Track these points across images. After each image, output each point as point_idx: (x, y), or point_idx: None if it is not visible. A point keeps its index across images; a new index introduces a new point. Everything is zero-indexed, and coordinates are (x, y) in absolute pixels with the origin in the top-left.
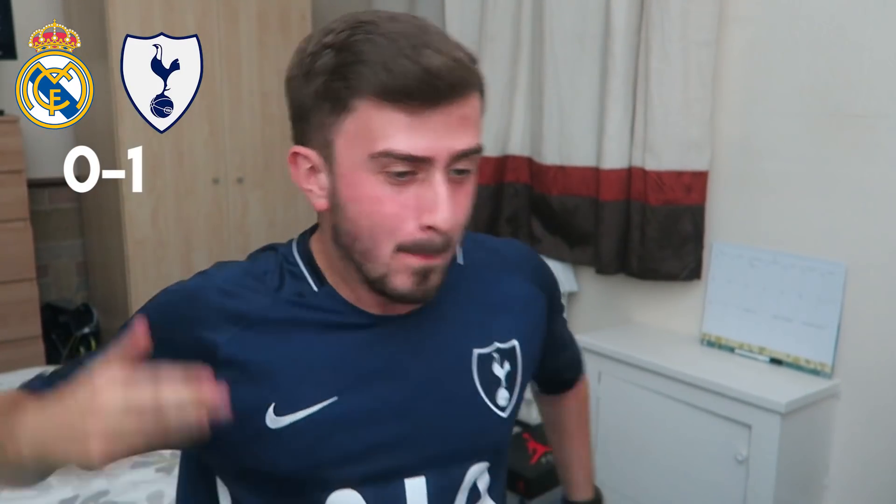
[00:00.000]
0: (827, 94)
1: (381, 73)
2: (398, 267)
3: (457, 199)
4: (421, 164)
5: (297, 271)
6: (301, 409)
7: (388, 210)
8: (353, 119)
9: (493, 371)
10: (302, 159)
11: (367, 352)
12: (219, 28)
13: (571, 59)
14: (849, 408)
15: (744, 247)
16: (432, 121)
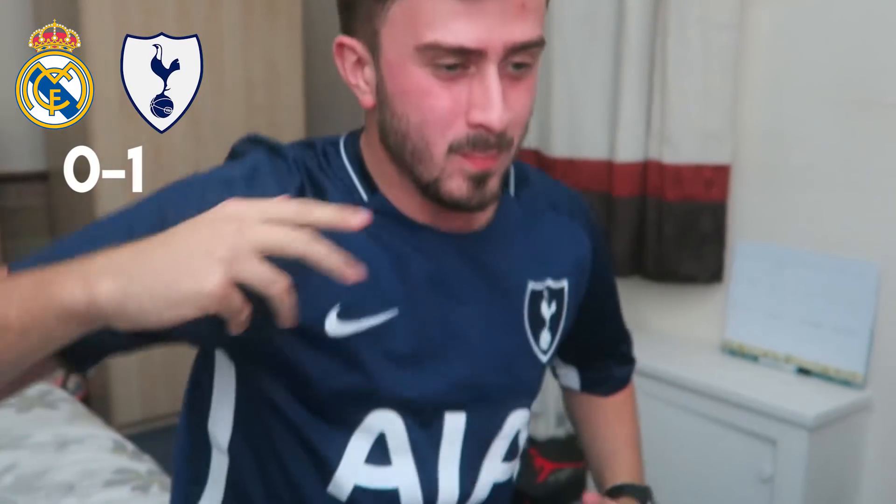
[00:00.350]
0: (860, 79)
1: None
2: (452, 170)
3: (514, 96)
4: (473, 56)
5: (345, 176)
6: (364, 318)
7: (439, 104)
8: (400, 4)
9: (542, 310)
10: (347, 51)
11: (423, 267)
12: (198, 10)
13: (582, 43)
14: (882, 421)
15: (769, 247)
16: (487, 6)
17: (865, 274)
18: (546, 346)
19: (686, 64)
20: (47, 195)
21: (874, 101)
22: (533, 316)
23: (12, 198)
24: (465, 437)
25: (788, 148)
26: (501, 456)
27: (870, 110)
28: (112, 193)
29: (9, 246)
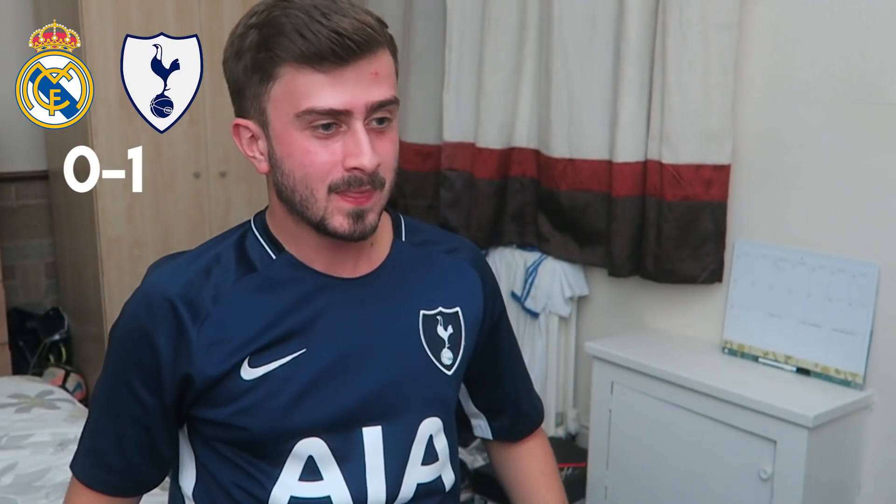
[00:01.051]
0: (859, 80)
1: (297, 40)
2: (333, 209)
3: (381, 146)
4: (341, 116)
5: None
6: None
7: (319, 159)
8: (279, 85)
9: (438, 332)
10: (243, 130)
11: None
12: (200, 14)
13: (582, 43)
14: (882, 421)
15: (769, 246)
16: (346, 77)
17: (865, 274)
18: (449, 362)
19: (685, 64)
20: (47, 195)
21: (874, 101)
22: (430, 337)
23: (11, 197)
24: (385, 446)
25: (788, 148)
26: (420, 459)
27: (870, 110)
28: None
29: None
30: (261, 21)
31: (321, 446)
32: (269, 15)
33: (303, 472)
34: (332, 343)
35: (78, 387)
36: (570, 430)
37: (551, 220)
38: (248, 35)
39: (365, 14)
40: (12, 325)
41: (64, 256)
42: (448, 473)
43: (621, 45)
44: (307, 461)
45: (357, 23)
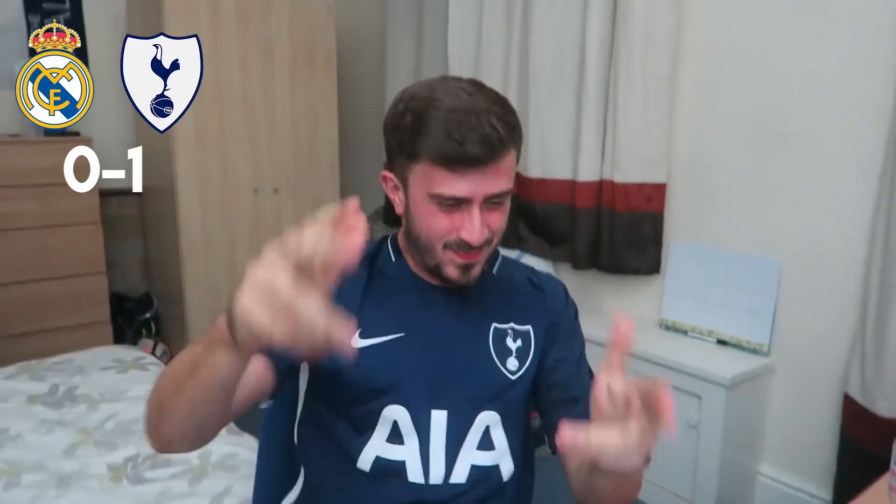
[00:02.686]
0: (763, 118)
1: (435, 148)
2: (447, 260)
3: (492, 219)
4: (462, 200)
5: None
6: (377, 337)
7: (440, 225)
8: (420, 167)
9: (507, 343)
10: (389, 180)
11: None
12: (258, 64)
13: (552, 91)
14: (782, 381)
15: (695, 246)
16: (469, 177)
17: (769, 268)
18: (514, 368)
19: (631, 106)
20: (140, 206)
21: (775, 134)
22: (497, 346)
23: (113, 208)
24: (448, 429)
25: (710, 170)
26: (476, 444)
27: (771, 141)
28: (190, 206)
29: (109, 246)
30: (417, 111)
31: (405, 414)
32: (425, 111)
33: (389, 434)
34: (423, 336)
35: (164, 353)
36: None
37: (528, 226)
38: (405, 117)
39: (498, 123)
40: (113, 307)
41: (153, 254)
42: (507, 464)
43: (582, 92)
44: (393, 426)
45: (487, 141)
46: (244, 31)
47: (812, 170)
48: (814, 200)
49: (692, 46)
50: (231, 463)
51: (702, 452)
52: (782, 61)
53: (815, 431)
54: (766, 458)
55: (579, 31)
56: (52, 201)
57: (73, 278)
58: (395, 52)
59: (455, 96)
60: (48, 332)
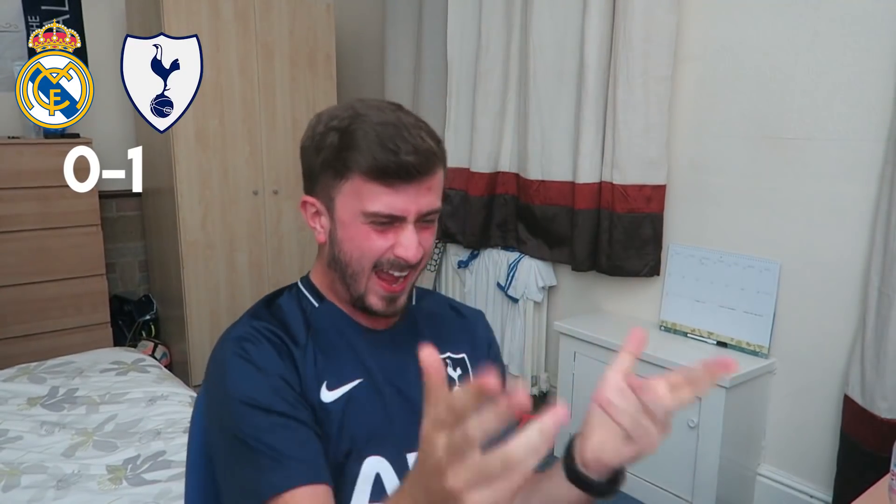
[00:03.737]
0: (763, 120)
1: (369, 159)
2: (372, 288)
3: (424, 237)
4: (397, 218)
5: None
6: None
7: (374, 245)
8: (349, 185)
9: (448, 372)
10: (309, 206)
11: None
12: (258, 66)
13: (551, 92)
14: (782, 382)
15: (695, 248)
16: (405, 192)
17: (769, 269)
18: None
19: (631, 107)
20: (140, 208)
21: (774, 136)
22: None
23: (113, 210)
24: None
25: (710, 172)
26: None
27: (771, 143)
28: (190, 207)
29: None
30: (342, 128)
31: (386, 466)
32: (350, 126)
33: (372, 492)
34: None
35: (164, 355)
36: (542, 388)
37: (528, 228)
38: (329, 136)
39: (427, 137)
40: (113, 309)
41: (153, 255)
42: None
43: (582, 93)
44: (375, 480)
45: (420, 155)
46: (244, 32)
47: (812, 171)
48: (814, 202)
49: (692, 47)
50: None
51: (701, 453)
52: (782, 62)
53: (814, 432)
54: (766, 459)
55: (579, 31)
56: (52, 203)
57: (73, 280)
58: (395, 53)
59: (379, 111)
60: (48, 335)
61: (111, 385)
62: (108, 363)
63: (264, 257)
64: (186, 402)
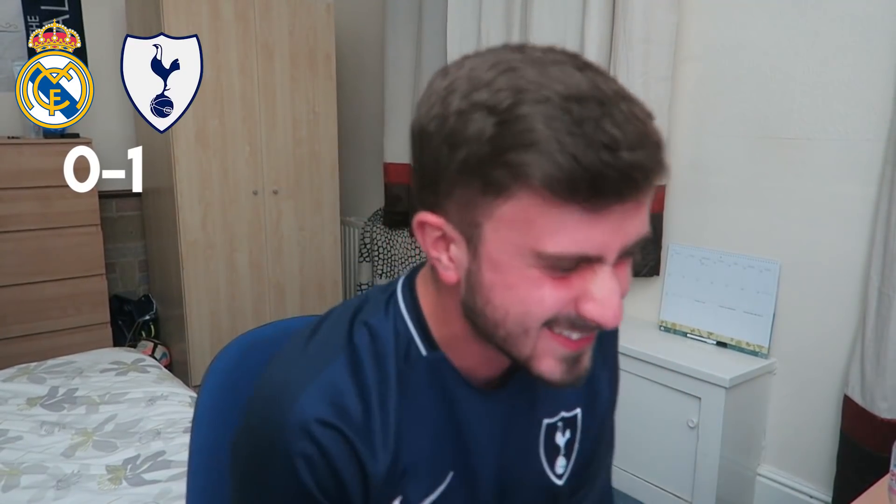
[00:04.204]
0: (763, 120)
1: (560, 164)
2: (544, 349)
3: (621, 276)
4: (590, 259)
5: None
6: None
7: (550, 300)
8: (513, 206)
9: (556, 440)
10: (433, 228)
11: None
12: (257, 65)
13: None
14: (782, 382)
15: (695, 248)
16: (611, 216)
17: (769, 269)
18: (561, 471)
19: None
20: (139, 208)
21: (774, 136)
22: (548, 447)
23: (112, 210)
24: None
25: (710, 172)
26: None
27: (771, 144)
28: (190, 207)
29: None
30: (500, 109)
31: None
32: (515, 105)
33: None
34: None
35: (164, 356)
36: None
37: None
38: (474, 119)
39: (652, 124)
40: (113, 308)
41: (153, 255)
42: None
43: None
44: None
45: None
46: (244, 32)
47: (812, 171)
48: (813, 202)
49: (692, 47)
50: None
51: (701, 453)
52: (782, 62)
53: (814, 432)
54: (766, 459)
55: (579, 31)
56: (51, 203)
57: (73, 280)
58: (395, 53)
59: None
60: (48, 334)
61: (111, 385)
62: (107, 363)
63: (264, 257)
64: (186, 403)
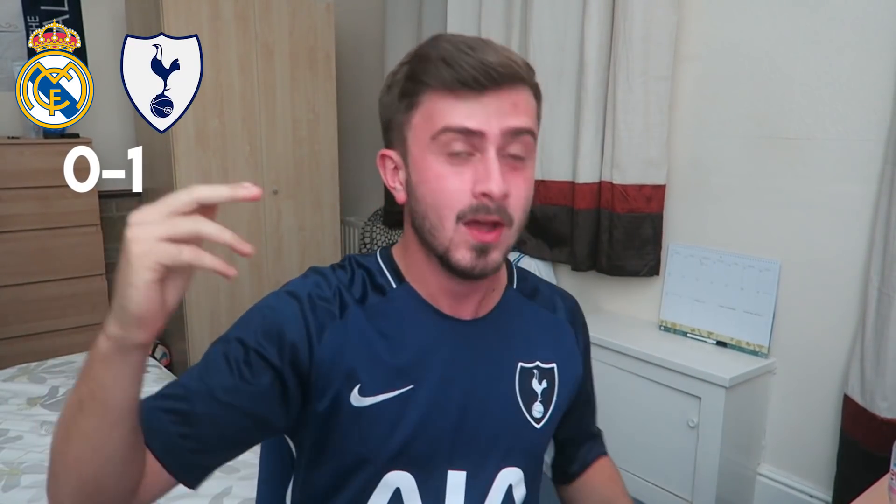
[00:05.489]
0: (763, 119)
1: (442, 68)
2: (459, 241)
3: (513, 181)
4: (475, 139)
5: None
6: (382, 393)
7: (450, 185)
8: (420, 111)
9: (532, 385)
10: (388, 160)
11: (441, 351)
12: (257, 65)
13: (551, 91)
14: (782, 382)
15: (694, 247)
16: (485, 102)
17: (769, 269)
18: (539, 416)
19: (631, 107)
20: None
21: (774, 135)
22: (524, 390)
23: (113, 210)
24: (466, 491)
25: (710, 171)
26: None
27: (771, 143)
28: None
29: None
30: (412, 56)
31: (409, 481)
32: (420, 50)
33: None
34: (438, 384)
35: (164, 355)
36: None
37: (528, 228)
38: (400, 70)
39: (513, 54)
40: None
41: None
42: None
43: (581, 92)
44: (394, 493)
45: (505, 59)
46: (244, 32)
47: (812, 170)
48: (813, 201)
49: (692, 47)
50: (230, 464)
51: (701, 453)
52: (782, 62)
53: (814, 432)
54: (766, 459)
55: (579, 31)
56: (52, 203)
57: (74, 280)
58: (395, 53)
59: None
60: (48, 334)
61: None
62: None
63: (264, 257)
64: None
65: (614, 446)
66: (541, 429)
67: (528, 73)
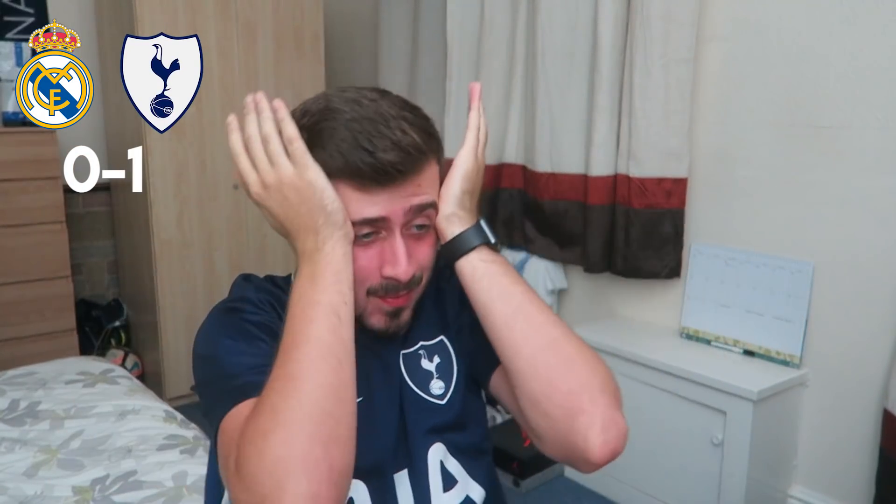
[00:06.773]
0: (795, 106)
1: (338, 161)
2: (372, 308)
3: (419, 250)
4: (380, 224)
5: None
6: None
7: (359, 264)
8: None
9: (422, 366)
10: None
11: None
12: (238, 46)
13: (562, 75)
14: (815, 395)
15: (719, 247)
16: (389, 190)
17: (802, 271)
18: (440, 392)
19: (650, 92)
20: (109, 203)
21: (807, 124)
22: (413, 373)
23: (79, 206)
24: (412, 487)
25: (736, 164)
26: (441, 488)
27: (804, 132)
28: (165, 202)
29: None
30: (309, 126)
31: (363, 491)
32: (318, 124)
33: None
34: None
35: (135, 366)
36: None
37: (536, 225)
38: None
39: (411, 129)
40: (79, 314)
41: (123, 255)
42: (474, 489)
43: (595, 76)
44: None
45: (402, 147)
46: (223, 9)
47: (848, 163)
48: (850, 197)
49: (717, 26)
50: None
51: (727, 473)
52: (817, 43)
53: (851, 450)
54: (798, 480)
55: (592, 8)
56: (11, 198)
57: (36, 283)
58: (389, 33)
59: (355, 104)
60: (8, 342)
61: (77, 398)
62: (73, 374)
63: (246, 257)
64: (160, 417)
65: (632, 465)
66: (446, 404)
67: (430, 147)
